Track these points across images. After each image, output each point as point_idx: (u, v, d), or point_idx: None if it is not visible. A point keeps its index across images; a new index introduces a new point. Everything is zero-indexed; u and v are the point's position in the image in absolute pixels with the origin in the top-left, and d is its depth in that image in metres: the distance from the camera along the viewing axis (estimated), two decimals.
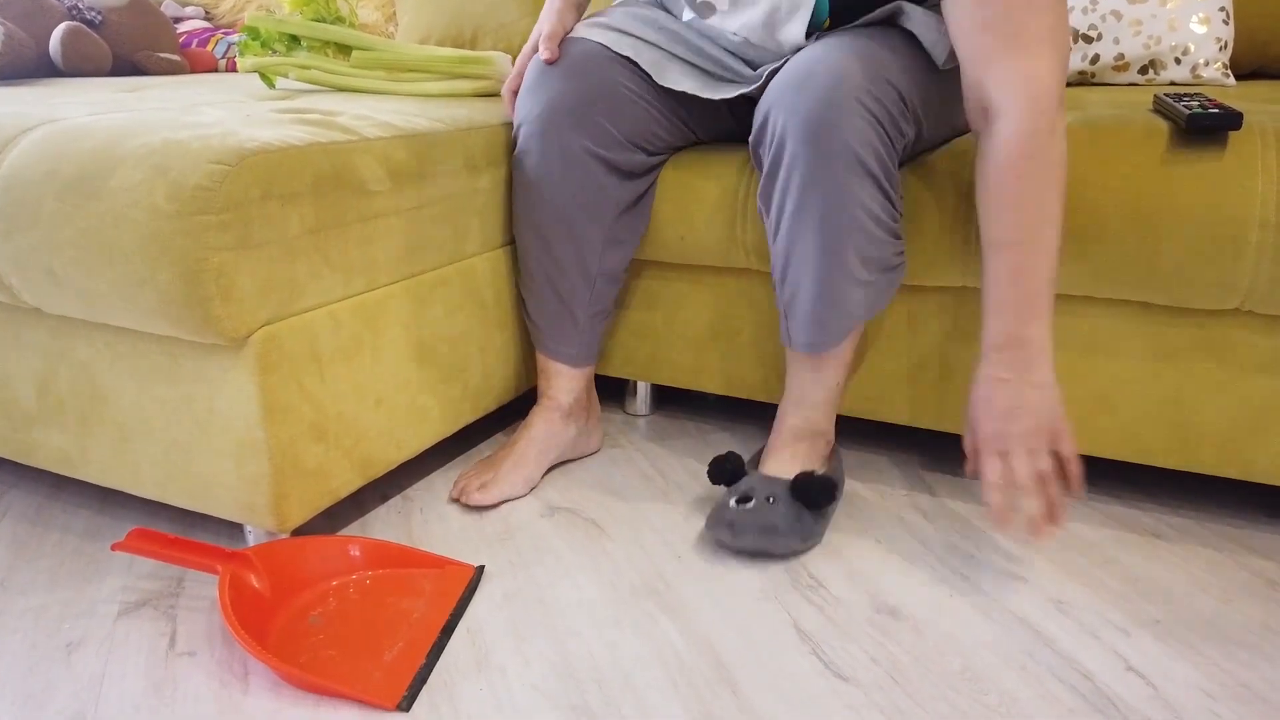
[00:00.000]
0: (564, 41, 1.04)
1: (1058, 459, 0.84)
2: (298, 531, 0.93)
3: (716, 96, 1.00)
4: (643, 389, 1.32)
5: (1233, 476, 0.97)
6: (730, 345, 1.17)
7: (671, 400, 1.37)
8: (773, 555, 0.94)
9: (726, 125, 1.15)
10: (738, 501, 0.95)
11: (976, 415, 0.86)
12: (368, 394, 0.94)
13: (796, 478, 0.97)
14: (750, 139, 0.96)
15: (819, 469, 1.01)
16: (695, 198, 1.09)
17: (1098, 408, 1.00)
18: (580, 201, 1.04)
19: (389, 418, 0.98)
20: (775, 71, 0.98)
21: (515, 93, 1.08)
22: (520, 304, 1.14)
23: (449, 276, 1.04)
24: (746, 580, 0.90)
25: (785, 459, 1.00)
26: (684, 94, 1.06)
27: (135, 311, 0.80)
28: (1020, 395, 0.83)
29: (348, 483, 0.94)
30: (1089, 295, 0.96)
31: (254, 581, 0.82)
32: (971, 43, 0.83)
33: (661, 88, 1.05)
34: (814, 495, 0.95)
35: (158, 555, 0.82)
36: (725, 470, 1.00)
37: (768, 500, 0.96)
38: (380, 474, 0.98)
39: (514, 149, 1.07)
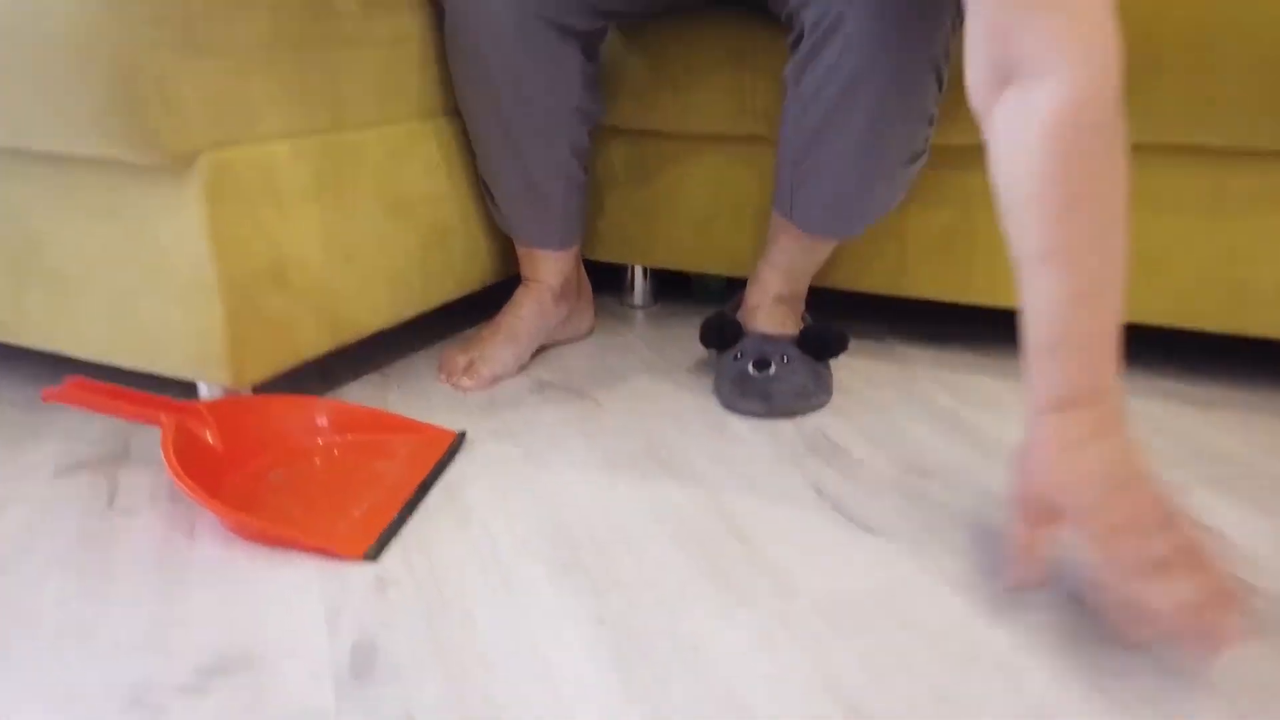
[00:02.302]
0: None
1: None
2: (259, 392, 0.84)
3: None
4: (641, 280, 1.23)
5: None
6: (735, 222, 1.08)
7: (672, 294, 1.27)
8: (799, 414, 0.88)
9: None
10: (756, 368, 0.87)
11: (1051, 494, 0.55)
12: (336, 245, 0.85)
13: (806, 332, 0.91)
14: None
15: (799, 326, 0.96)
16: (698, 58, 0.99)
17: (1149, 270, 0.91)
18: (541, 75, 0.89)
19: (362, 277, 0.88)
20: None
21: None
22: (485, 192, 1.02)
23: (424, 133, 0.94)
24: (757, 446, 0.81)
25: (775, 319, 0.94)
26: None
27: (66, 126, 0.70)
28: (1112, 461, 0.54)
29: (315, 343, 0.84)
30: (1138, 142, 0.86)
31: (206, 437, 0.73)
32: None
33: None
34: (830, 347, 0.90)
35: (95, 405, 0.73)
36: (723, 332, 0.92)
37: (783, 361, 0.87)
38: (352, 339, 0.89)
39: (443, 21, 0.89)
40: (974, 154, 0.94)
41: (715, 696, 0.50)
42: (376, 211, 0.89)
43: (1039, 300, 0.57)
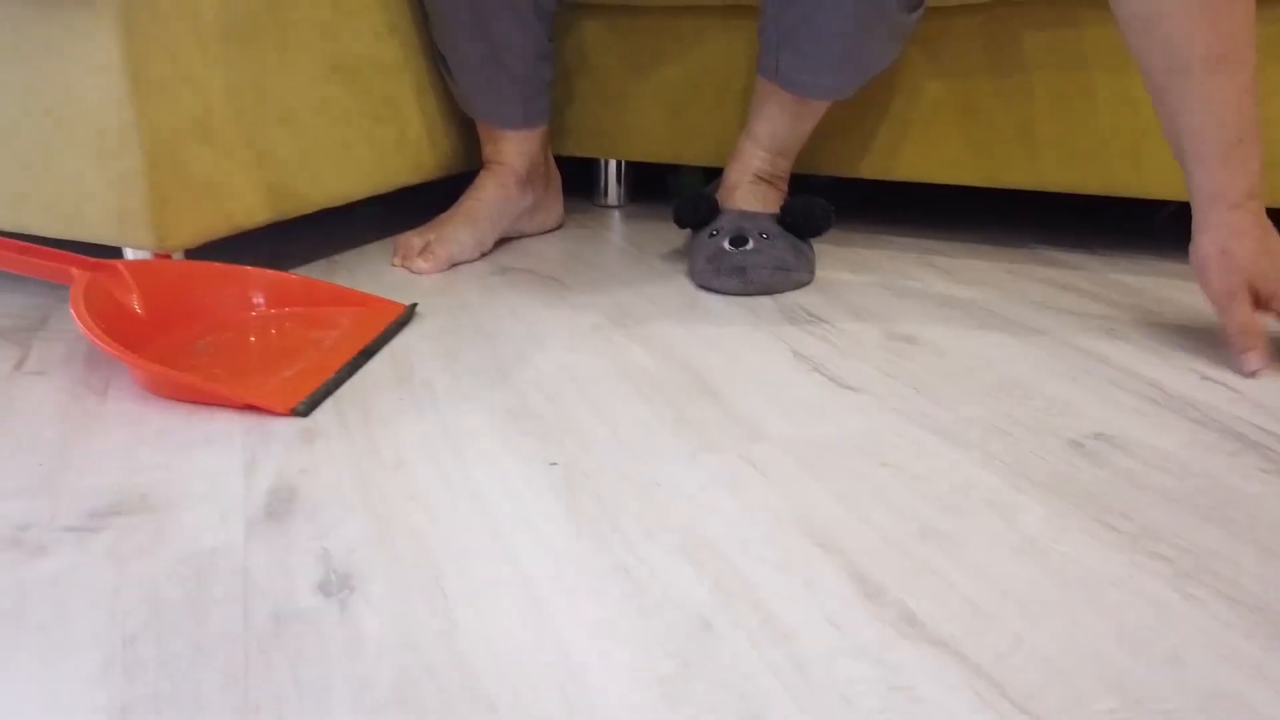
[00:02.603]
0: None
1: None
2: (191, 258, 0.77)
3: None
4: (614, 178, 1.16)
5: None
6: (716, 106, 1.01)
7: (647, 196, 1.20)
8: (778, 291, 0.81)
9: None
10: (733, 244, 0.81)
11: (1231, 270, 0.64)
12: (271, 101, 0.78)
13: (788, 205, 0.84)
14: None
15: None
16: None
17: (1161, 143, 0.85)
18: None
19: (302, 141, 0.81)
20: None
21: None
22: (440, 65, 0.95)
23: None
24: (732, 318, 0.75)
25: (755, 196, 0.87)
26: None
27: None
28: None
29: (251, 211, 0.78)
30: None
31: (126, 299, 0.67)
32: None
33: None
34: (814, 221, 0.82)
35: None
36: (700, 210, 0.85)
37: (763, 237, 0.81)
38: (295, 212, 0.82)
39: None
40: (966, 14, 0.87)
41: (672, 530, 0.44)
42: (318, 71, 0.82)
43: (1215, 101, 0.62)
